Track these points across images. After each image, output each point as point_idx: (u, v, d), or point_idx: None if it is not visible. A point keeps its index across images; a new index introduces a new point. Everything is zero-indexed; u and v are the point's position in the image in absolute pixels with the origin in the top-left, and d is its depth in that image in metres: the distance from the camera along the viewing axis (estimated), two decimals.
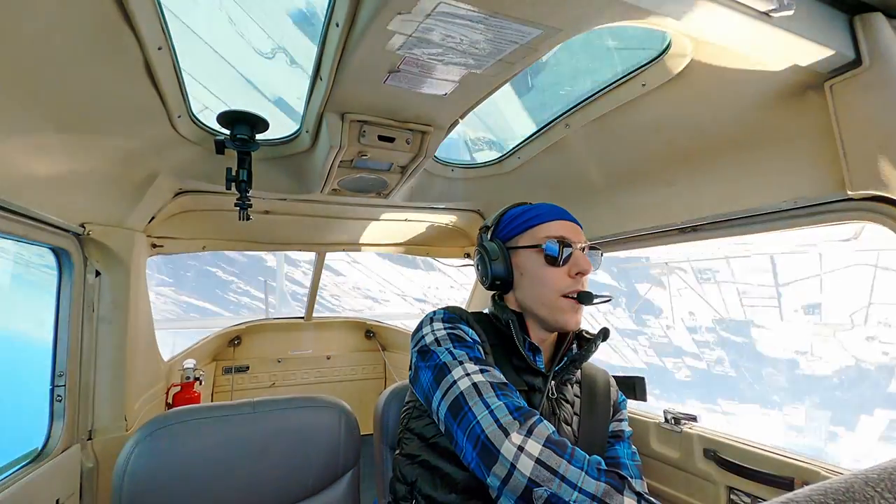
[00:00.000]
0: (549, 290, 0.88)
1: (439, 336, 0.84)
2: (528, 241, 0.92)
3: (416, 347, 0.87)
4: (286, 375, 3.02)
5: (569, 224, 0.93)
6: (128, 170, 1.25)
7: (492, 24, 0.75)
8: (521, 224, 0.94)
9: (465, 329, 0.86)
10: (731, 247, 20.30)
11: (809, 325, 23.40)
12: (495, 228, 0.99)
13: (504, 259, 0.93)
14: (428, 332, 0.87)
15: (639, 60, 1.03)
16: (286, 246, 2.53)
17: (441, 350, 0.82)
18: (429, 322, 0.89)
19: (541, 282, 0.89)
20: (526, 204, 1.00)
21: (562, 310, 0.88)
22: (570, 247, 0.88)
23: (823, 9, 0.75)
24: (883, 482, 0.22)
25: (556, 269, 0.88)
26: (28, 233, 1.04)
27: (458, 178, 1.71)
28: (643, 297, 26.61)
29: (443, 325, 0.87)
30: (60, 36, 0.77)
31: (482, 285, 0.99)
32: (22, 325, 8.88)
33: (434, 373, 0.80)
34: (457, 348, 0.81)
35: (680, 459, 1.24)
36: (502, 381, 0.76)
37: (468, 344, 0.83)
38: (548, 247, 0.88)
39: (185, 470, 0.94)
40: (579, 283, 0.88)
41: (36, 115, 0.88)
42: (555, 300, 0.88)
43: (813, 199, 0.93)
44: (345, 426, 1.10)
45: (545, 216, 0.93)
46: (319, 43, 0.94)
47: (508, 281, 0.94)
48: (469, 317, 0.90)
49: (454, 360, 0.79)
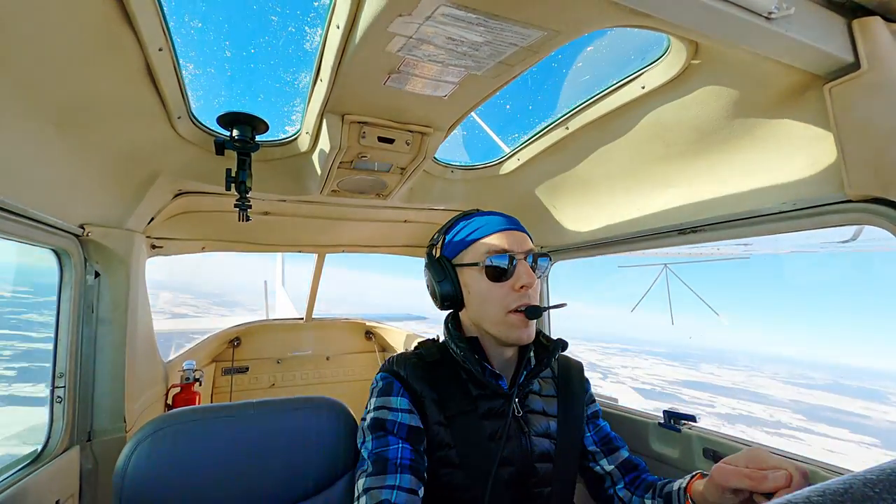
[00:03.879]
0: (495, 308, 0.87)
1: (366, 424, 0.88)
2: (471, 259, 0.90)
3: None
4: (286, 376, 3.02)
5: (510, 234, 0.90)
6: (128, 171, 1.25)
7: (492, 26, 0.75)
8: (462, 240, 0.92)
9: (392, 403, 0.87)
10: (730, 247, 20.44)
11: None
12: (441, 245, 0.97)
13: (451, 278, 0.92)
14: (366, 411, 0.91)
15: (638, 63, 1.04)
16: (285, 247, 2.53)
17: (362, 447, 0.87)
18: (370, 394, 0.93)
19: (487, 300, 0.88)
20: (472, 214, 0.98)
21: (511, 325, 0.87)
22: (512, 259, 0.86)
23: (822, 12, 0.76)
24: (882, 483, 0.23)
25: (500, 284, 0.87)
26: (27, 234, 1.04)
27: (458, 180, 1.71)
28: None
29: (373, 403, 0.90)
30: (61, 36, 0.77)
31: (435, 306, 0.98)
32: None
33: (356, 474, 0.85)
34: (371, 442, 0.84)
35: (679, 459, 1.24)
36: (377, 502, 0.76)
37: (382, 433, 0.84)
38: (488, 264, 0.87)
39: (184, 471, 0.94)
40: (526, 297, 0.87)
41: (36, 116, 0.88)
42: (503, 317, 0.87)
43: (812, 200, 0.93)
44: (345, 426, 1.10)
45: (484, 229, 0.91)
46: (320, 44, 0.95)
47: (459, 300, 0.93)
48: (408, 373, 0.91)
49: (362, 472, 0.83)
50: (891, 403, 42.90)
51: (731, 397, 32.71)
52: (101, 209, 1.29)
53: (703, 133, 1.06)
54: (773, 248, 10.33)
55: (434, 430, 0.87)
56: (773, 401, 34.24)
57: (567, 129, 1.29)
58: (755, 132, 0.99)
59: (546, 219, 1.71)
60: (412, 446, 0.83)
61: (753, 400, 33.08)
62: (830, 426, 26.61)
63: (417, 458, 0.82)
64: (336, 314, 3.60)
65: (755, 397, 34.80)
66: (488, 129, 1.70)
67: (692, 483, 0.79)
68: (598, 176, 1.41)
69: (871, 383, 71.79)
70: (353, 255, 2.90)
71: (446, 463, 0.85)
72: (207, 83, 1.99)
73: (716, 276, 73.09)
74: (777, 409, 30.42)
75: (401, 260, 2.91)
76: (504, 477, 0.85)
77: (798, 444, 20.39)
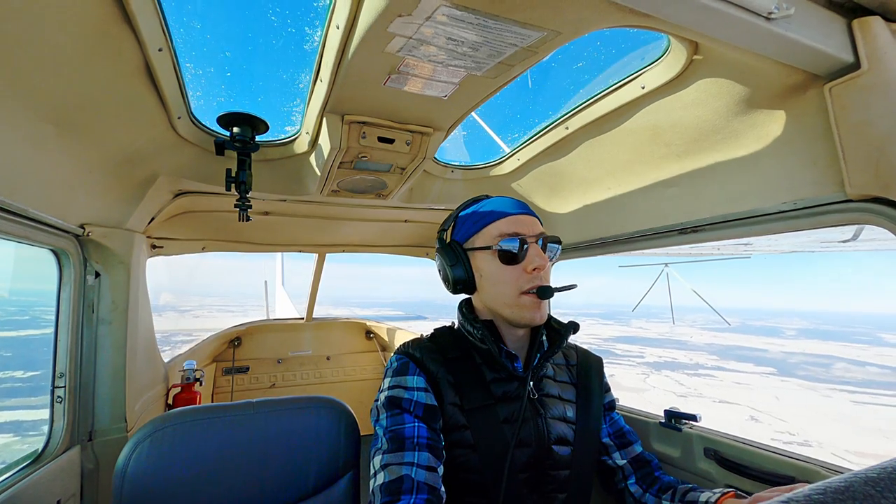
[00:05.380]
0: (508, 290, 0.88)
1: (381, 402, 0.87)
2: (483, 242, 0.91)
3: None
4: (286, 376, 3.02)
5: (521, 217, 0.92)
6: (128, 171, 1.25)
7: (492, 26, 0.75)
8: (474, 224, 0.94)
9: (408, 381, 0.87)
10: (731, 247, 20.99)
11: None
12: (452, 230, 0.98)
13: (463, 263, 0.93)
14: (380, 390, 0.90)
15: (638, 63, 1.04)
16: (286, 247, 2.53)
17: (377, 426, 0.86)
18: (385, 375, 0.92)
19: (499, 282, 0.89)
20: (482, 199, 0.99)
21: (524, 307, 0.88)
22: (524, 243, 0.88)
23: (822, 12, 0.76)
24: (883, 481, 0.23)
25: (512, 267, 0.88)
26: (27, 234, 1.04)
27: (458, 180, 1.71)
28: None
29: (388, 382, 0.89)
30: (61, 37, 0.77)
31: (447, 290, 0.99)
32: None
33: (370, 453, 0.84)
34: (386, 420, 0.84)
35: (680, 459, 1.24)
36: (398, 476, 0.76)
37: (399, 410, 0.84)
38: (501, 247, 0.88)
39: (185, 471, 0.94)
40: (538, 278, 0.88)
41: (36, 116, 0.88)
42: (515, 298, 0.88)
43: (812, 200, 0.93)
44: (345, 426, 1.10)
45: (496, 214, 0.92)
46: (319, 44, 0.95)
47: (472, 284, 0.94)
48: (423, 355, 0.91)
49: (377, 449, 0.82)
50: (784, 337, 48.77)
51: (658, 347, 35.48)
52: (102, 209, 1.29)
53: (703, 133, 1.06)
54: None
55: (449, 410, 0.87)
56: (692, 346, 37.47)
57: (567, 129, 1.30)
58: (755, 132, 0.99)
59: (546, 218, 1.71)
60: (428, 425, 0.83)
61: (676, 347, 36.01)
62: (739, 362, 29.31)
63: (434, 436, 0.82)
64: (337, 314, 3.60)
65: (678, 345, 37.83)
66: (488, 128, 1.71)
67: (723, 501, 0.80)
68: (597, 176, 1.41)
69: (770, 321, 79.39)
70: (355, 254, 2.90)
71: (461, 444, 0.86)
72: (207, 83, 1.99)
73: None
74: (695, 353, 33.25)
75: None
76: (521, 459, 0.86)
77: (712, 380, 22.18)
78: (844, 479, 0.23)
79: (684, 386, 20.53)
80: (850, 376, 25.41)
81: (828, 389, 21.39)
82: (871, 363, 31.10)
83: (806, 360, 30.81)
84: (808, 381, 23.19)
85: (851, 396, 19.99)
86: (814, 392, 20.68)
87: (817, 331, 59.90)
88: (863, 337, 52.34)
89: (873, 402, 19.04)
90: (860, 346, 41.38)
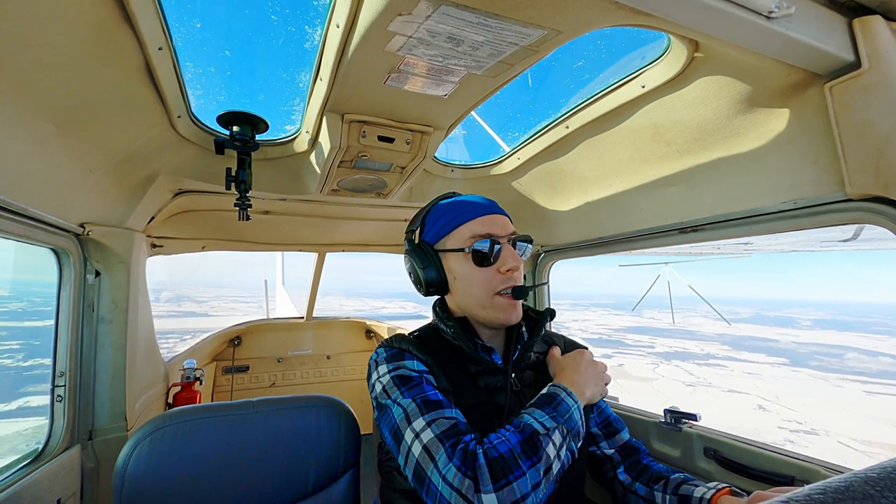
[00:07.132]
0: (482, 291, 0.88)
1: (385, 384, 0.82)
2: (454, 244, 0.90)
3: (373, 398, 0.86)
4: (286, 375, 3.03)
5: (493, 218, 0.91)
6: (128, 170, 1.25)
7: (492, 25, 0.75)
8: (445, 225, 0.92)
9: (408, 364, 0.84)
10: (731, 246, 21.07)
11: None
12: (421, 230, 0.96)
13: (435, 264, 0.91)
14: (375, 380, 0.85)
15: (638, 62, 1.04)
16: (286, 246, 2.53)
17: (391, 404, 0.79)
18: (374, 367, 0.88)
19: (473, 284, 0.88)
20: (450, 196, 0.98)
21: (499, 307, 0.88)
22: (497, 244, 0.87)
23: (823, 11, 0.76)
24: (883, 481, 0.23)
25: (485, 268, 0.87)
26: (28, 233, 1.04)
27: (458, 179, 1.71)
28: None
29: (386, 367, 0.85)
30: (61, 36, 0.77)
31: (419, 293, 0.97)
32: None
33: (391, 435, 0.78)
34: (404, 395, 0.78)
35: (680, 458, 1.24)
36: (451, 422, 0.74)
37: (414, 382, 0.80)
38: (473, 249, 0.87)
39: (185, 469, 0.94)
40: (511, 279, 0.88)
41: (36, 115, 0.88)
42: (489, 300, 0.87)
43: (812, 199, 0.93)
44: (345, 426, 1.10)
45: (466, 214, 0.91)
46: (319, 43, 0.94)
47: (445, 285, 0.93)
48: (412, 344, 0.89)
49: (404, 419, 0.76)
50: (799, 327, 48.47)
51: (669, 337, 35.09)
52: (102, 208, 1.29)
53: (704, 132, 1.06)
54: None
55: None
56: (704, 336, 36.95)
57: (567, 128, 1.29)
58: (755, 131, 0.99)
59: (546, 217, 1.71)
60: (447, 397, 0.81)
61: (687, 337, 35.56)
62: (750, 352, 29.09)
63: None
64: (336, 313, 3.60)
65: (689, 335, 37.45)
66: (488, 128, 1.71)
67: (718, 497, 0.79)
68: (597, 175, 1.41)
69: (786, 312, 79.44)
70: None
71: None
72: (207, 82, 1.99)
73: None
74: (707, 343, 32.86)
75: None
76: None
77: (723, 370, 22.17)
78: (844, 478, 0.23)
79: (693, 375, 20.44)
80: (863, 367, 25.26)
81: (839, 380, 21.31)
82: (886, 353, 30.83)
83: (819, 351, 30.65)
84: (820, 372, 23.11)
85: (863, 387, 19.90)
86: (825, 382, 20.62)
87: (834, 321, 59.38)
88: (881, 328, 51.90)
89: (885, 393, 18.95)
90: (878, 338, 40.87)
